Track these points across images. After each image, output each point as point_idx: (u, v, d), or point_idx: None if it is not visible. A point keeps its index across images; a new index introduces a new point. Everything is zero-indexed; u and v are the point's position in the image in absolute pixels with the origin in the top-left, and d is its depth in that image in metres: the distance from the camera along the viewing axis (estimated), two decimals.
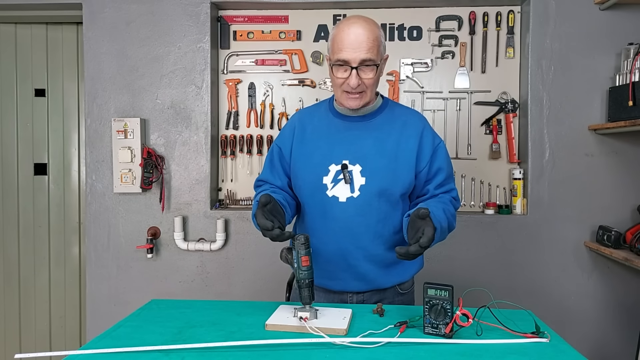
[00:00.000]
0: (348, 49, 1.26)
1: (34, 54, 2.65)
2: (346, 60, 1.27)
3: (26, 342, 2.72)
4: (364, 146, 1.36)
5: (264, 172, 1.51)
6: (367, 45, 1.26)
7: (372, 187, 1.33)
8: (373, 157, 1.34)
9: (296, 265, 1.15)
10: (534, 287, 2.26)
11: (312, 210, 1.39)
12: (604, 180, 2.23)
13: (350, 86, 1.29)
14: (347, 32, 1.27)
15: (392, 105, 1.44)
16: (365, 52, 1.26)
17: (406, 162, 1.35)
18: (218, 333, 1.08)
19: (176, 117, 2.40)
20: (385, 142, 1.36)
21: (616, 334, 2.25)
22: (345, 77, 1.30)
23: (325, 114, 1.43)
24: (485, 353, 0.97)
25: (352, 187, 1.33)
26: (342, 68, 1.29)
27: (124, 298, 2.41)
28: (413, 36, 2.40)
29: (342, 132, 1.38)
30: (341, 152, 1.36)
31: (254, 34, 2.46)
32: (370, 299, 1.41)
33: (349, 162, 1.34)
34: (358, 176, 1.34)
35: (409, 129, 1.38)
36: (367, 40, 1.26)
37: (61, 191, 2.69)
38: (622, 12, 2.19)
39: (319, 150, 1.38)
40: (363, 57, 1.26)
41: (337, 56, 1.28)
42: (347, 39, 1.26)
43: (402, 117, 1.41)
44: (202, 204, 2.40)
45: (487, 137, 2.39)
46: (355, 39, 1.26)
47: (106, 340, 1.05)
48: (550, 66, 2.24)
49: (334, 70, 1.32)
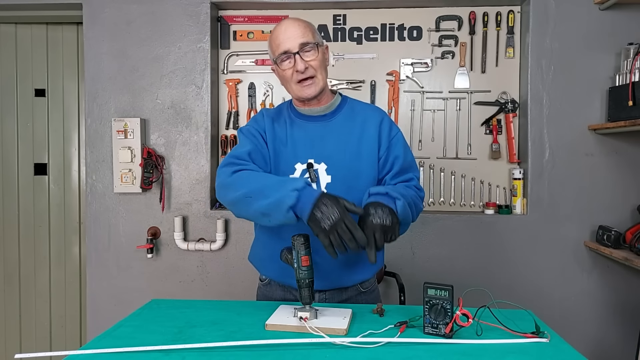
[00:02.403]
0: (285, 40, 1.30)
1: (34, 54, 2.65)
2: (287, 50, 1.30)
3: (26, 342, 2.72)
4: (327, 145, 1.36)
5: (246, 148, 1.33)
6: (301, 31, 1.31)
7: (338, 184, 1.33)
8: (337, 155, 1.35)
9: (296, 265, 1.15)
10: (534, 287, 2.26)
11: None
12: (604, 180, 2.23)
13: (298, 71, 1.31)
14: (279, 28, 1.33)
15: (351, 103, 1.44)
16: (301, 37, 1.30)
17: (369, 157, 1.36)
18: (218, 333, 1.08)
19: (176, 117, 2.40)
20: (347, 140, 1.36)
21: (616, 334, 2.25)
22: (291, 67, 1.32)
23: (287, 115, 1.43)
24: (485, 353, 0.97)
25: (318, 185, 1.33)
26: (286, 59, 1.31)
27: (124, 298, 2.41)
28: (413, 36, 2.40)
29: (304, 132, 1.38)
30: (305, 151, 1.36)
31: (254, 34, 2.46)
32: (332, 297, 1.40)
33: (314, 161, 1.35)
34: (324, 174, 1.34)
35: (368, 124, 1.38)
36: (299, 27, 1.31)
37: (61, 191, 2.69)
38: (622, 12, 2.19)
39: (285, 151, 1.37)
40: (301, 41, 1.30)
41: (278, 51, 1.32)
42: (281, 33, 1.32)
43: (362, 113, 1.41)
44: (202, 204, 2.40)
45: (487, 137, 2.39)
46: (288, 30, 1.31)
47: (106, 340, 1.05)
48: (550, 66, 2.24)
49: (280, 66, 1.34)
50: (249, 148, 1.33)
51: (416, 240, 2.30)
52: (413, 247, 2.30)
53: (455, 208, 2.41)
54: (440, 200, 2.41)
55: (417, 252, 2.30)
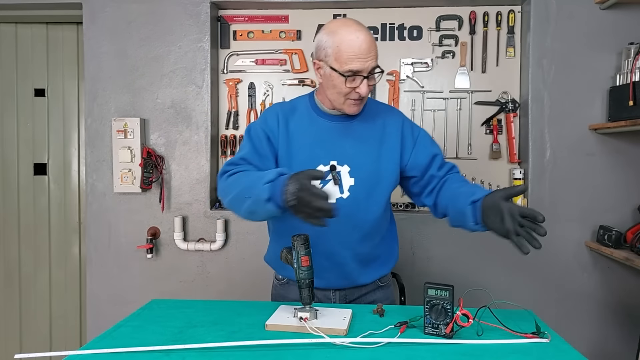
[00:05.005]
0: (360, 59, 1.22)
1: (34, 53, 2.65)
2: (358, 70, 1.23)
3: (26, 342, 2.72)
4: (349, 146, 1.34)
5: (242, 152, 1.33)
6: (374, 52, 1.24)
7: (361, 187, 1.32)
8: (359, 157, 1.33)
9: (296, 265, 1.15)
10: (534, 287, 2.26)
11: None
12: (605, 180, 2.23)
13: (360, 95, 1.26)
14: (355, 40, 1.22)
15: (369, 103, 1.42)
16: (374, 59, 1.24)
17: (388, 162, 1.35)
18: (218, 333, 1.08)
19: (176, 117, 2.40)
20: (367, 143, 1.35)
21: (617, 334, 2.25)
22: (353, 87, 1.25)
23: (307, 112, 1.38)
24: (485, 353, 0.97)
25: (341, 188, 1.32)
26: (352, 77, 1.24)
27: (124, 298, 2.40)
28: (413, 36, 2.39)
29: (326, 132, 1.35)
30: (327, 152, 1.33)
31: (254, 34, 2.46)
32: (352, 294, 1.42)
33: (336, 163, 1.33)
34: (347, 177, 1.33)
35: (389, 129, 1.37)
36: (373, 47, 1.24)
37: (61, 191, 2.69)
38: (623, 12, 2.19)
39: (304, 150, 1.34)
40: (373, 64, 1.24)
41: (348, 67, 1.23)
42: (357, 49, 1.22)
43: (382, 115, 1.40)
44: (202, 204, 2.40)
45: (488, 137, 2.39)
46: (364, 48, 1.22)
47: (106, 340, 1.05)
48: (551, 66, 2.24)
49: (339, 79, 1.26)
50: (244, 152, 1.32)
51: (416, 240, 2.30)
52: (413, 247, 2.30)
53: None
54: None
55: (417, 252, 2.30)
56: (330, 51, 1.26)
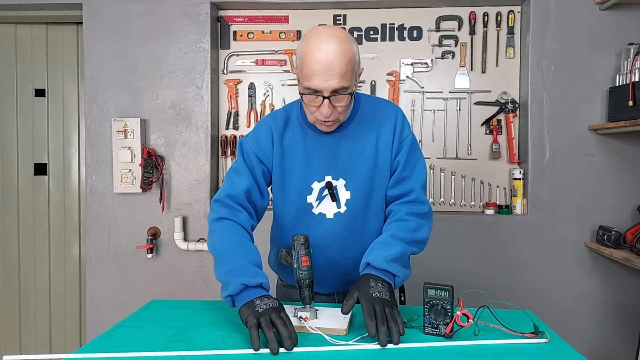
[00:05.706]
0: (319, 77, 1.09)
1: (34, 54, 2.65)
2: (317, 90, 1.12)
3: (26, 342, 2.72)
4: (343, 158, 1.27)
5: (229, 186, 1.26)
6: (340, 70, 1.09)
7: (359, 200, 1.28)
8: (354, 167, 1.27)
9: (296, 265, 1.15)
10: (534, 287, 2.26)
11: (297, 228, 1.30)
12: (604, 180, 2.23)
13: (322, 115, 1.15)
14: (316, 54, 1.09)
15: (365, 102, 1.31)
16: (338, 79, 1.09)
17: (382, 168, 1.28)
18: (218, 333, 1.08)
19: (176, 117, 2.40)
20: (364, 149, 1.27)
21: (616, 334, 2.25)
22: (316, 106, 1.15)
23: (297, 124, 1.29)
24: (485, 353, 0.97)
25: (338, 203, 1.28)
26: (312, 95, 1.14)
27: (124, 298, 2.40)
28: (413, 36, 2.40)
29: (318, 145, 1.27)
30: (321, 167, 1.27)
31: (254, 34, 2.46)
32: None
33: (331, 178, 1.28)
34: (343, 190, 1.28)
35: (384, 128, 1.28)
36: (340, 65, 1.09)
37: (61, 191, 2.69)
38: (622, 12, 2.19)
39: (298, 167, 1.28)
40: (335, 86, 1.10)
41: (307, 84, 1.12)
42: (317, 65, 1.09)
43: (379, 111, 1.30)
44: (202, 204, 2.40)
45: (487, 137, 2.39)
46: (326, 65, 1.08)
47: (106, 340, 1.05)
48: (551, 66, 2.24)
49: (303, 97, 1.17)
50: (246, 185, 1.25)
51: None
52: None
53: (456, 208, 2.41)
54: (441, 201, 2.41)
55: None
56: (298, 62, 1.16)
